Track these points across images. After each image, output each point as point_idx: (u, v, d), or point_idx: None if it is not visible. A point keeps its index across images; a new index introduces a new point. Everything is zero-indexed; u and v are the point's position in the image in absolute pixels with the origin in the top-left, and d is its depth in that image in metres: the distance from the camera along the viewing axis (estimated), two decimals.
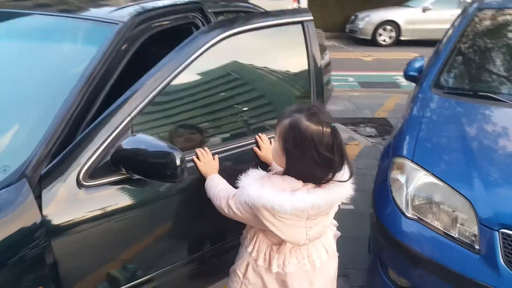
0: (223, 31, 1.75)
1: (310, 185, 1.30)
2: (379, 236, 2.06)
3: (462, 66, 2.89)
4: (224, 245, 1.86)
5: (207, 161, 1.63)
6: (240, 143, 1.83)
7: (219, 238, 1.86)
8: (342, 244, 2.84)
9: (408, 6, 11.25)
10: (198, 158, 1.63)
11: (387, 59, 8.31)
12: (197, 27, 2.11)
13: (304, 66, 2.04)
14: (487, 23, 3.08)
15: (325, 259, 1.50)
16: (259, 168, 1.45)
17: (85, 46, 1.86)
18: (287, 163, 1.32)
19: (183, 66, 1.63)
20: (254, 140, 1.86)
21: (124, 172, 1.46)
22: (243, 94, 1.94)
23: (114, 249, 1.52)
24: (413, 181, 1.98)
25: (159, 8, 1.95)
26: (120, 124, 1.48)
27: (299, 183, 1.29)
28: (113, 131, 1.46)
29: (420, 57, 3.10)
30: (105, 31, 1.77)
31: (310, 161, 1.26)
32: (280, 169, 1.41)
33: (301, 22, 2.00)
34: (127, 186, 1.52)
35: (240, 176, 1.38)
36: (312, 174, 1.28)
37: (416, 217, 1.91)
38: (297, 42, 2.02)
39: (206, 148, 1.67)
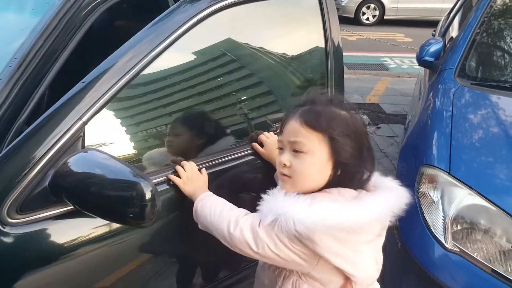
0: (214, 2, 1.24)
1: (360, 191, 0.99)
2: (405, 264, 1.66)
3: (491, 50, 2.47)
4: None
5: (190, 176, 1.14)
6: (242, 151, 1.36)
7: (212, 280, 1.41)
8: None
9: None
10: (177, 175, 1.15)
11: (372, 39, 7.90)
12: None
13: (320, 46, 1.56)
14: None
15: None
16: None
17: (20, 16, 1.33)
18: (335, 169, 0.96)
19: (160, 48, 1.12)
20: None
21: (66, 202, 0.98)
22: (242, 85, 1.44)
23: None
24: (453, 202, 1.57)
25: None
26: (65, 133, 0.99)
27: (351, 190, 0.97)
28: (55, 143, 0.98)
29: (436, 39, 2.67)
30: None
31: (360, 159, 0.96)
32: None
33: None
34: (75, 219, 1.03)
35: (259, 195, 0.94)
36: (361, 175, 0.98)
37: (458, 250, 1.51)
38: (311, 16, 1.53)
39: (189, 162, 1.18)
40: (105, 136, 1.08)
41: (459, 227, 1.56)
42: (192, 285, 1.37)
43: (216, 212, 1.01)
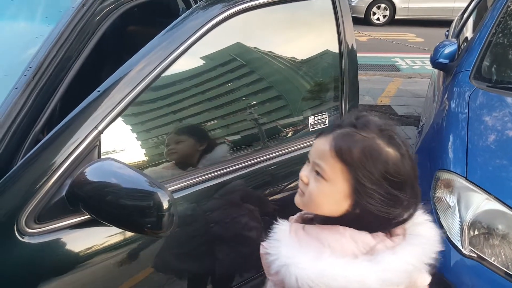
0: (227, 8, 1.24)
1: (381, 236, 0.83)
2: None
3: (507, 52, 2.42)
4: None
5: None
6: (264, 157, 1.35)
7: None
8: None
9: None
10: None
11: (383, 40, 7.84)
12: (188, 2, 1.60)
13: (334, 50, 1.53)
14: None
15: None
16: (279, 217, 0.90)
17: (34, 25, 1.35)
18: (353, 207, 0.82)
19: (174, 54, 1.12)
20: (276, 154, 1.37)
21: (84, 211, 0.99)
22: (259, 89, 1.43)
23: None
24: (470, 207, 1.54)
25: None
26: (81, 142, 0.99)
27: (367, 236, 0.82)
28: (71, 153, 0.98)
29: (450, 41, 2.63)
30: (63, 3, 1.26)
31: (392, 206, 0.81)
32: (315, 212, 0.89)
33: None
34: (92, 228, 1.03)
35: (264, 234, 0.86)
36: (386, 217, 0.81)
37: (475, 255, 1.48)
38: (325, 19, 1.51)
39: None
40: (121, 145, 1.08)
41: (476, 232, 1.54)
42: None
43: None
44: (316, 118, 1.49)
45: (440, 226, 1.59)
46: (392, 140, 0.82)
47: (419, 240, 0.84)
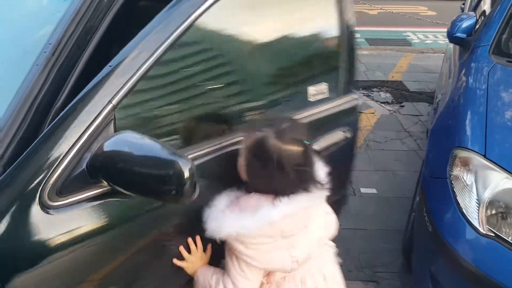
0: None
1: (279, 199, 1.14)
2: (435, 248, 1.64)
3: None
4: None
5: (199, 257, 1.26)
6: None
7: None
8: (366, 240, 2.47)
9: None
10: (187, 250, 1.25)
11: (393, 13, 7.63)
12: None
13: (331, 22, 1.49)
14: None
15: (323, 287, 1.30)
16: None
17: (51, 0, 1.32)
18: (250, 178, 1.17)
19: (184, 25, 1.10)
20: None
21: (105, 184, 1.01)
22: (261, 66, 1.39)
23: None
24: (488, 186, 1.53)
25: None
26: (97, 117, 1.00)
27: (268, 198, 1.13)
28: (88, 127, 0.99)
29: (468, 14, 2.55)
30: None
31: (277, 179, 1.11)
32: None
33: None
34: (111, 199, 1.06)
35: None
36: (280, 189, 1.13)
37: (492, 234, 1.48)
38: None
39: (198, 239, 1.25)
40: (136, 118, 1.09)
41: (493, 211, 1.53)
42: None
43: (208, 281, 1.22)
44: (316, 88, 1.51)
45: (457, 204, 1.59)
46: (283, 134, 1.09)
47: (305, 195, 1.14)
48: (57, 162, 0.95)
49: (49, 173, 0.95)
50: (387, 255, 2.31)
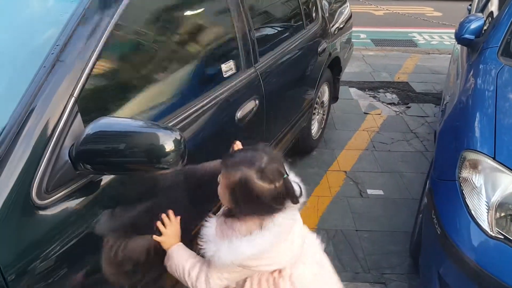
0: None
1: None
2: (444, 250, 1.63)
3: None
4: None
5: (174, 230, 1.32)
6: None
7: None
8: (373, 241, 2.46)
9: None
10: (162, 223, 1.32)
11: (399, 14, 7.61)
12: None
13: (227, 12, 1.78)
14: None
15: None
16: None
17: (58, 2, 1.32)
18: (233, 206, 1.23)
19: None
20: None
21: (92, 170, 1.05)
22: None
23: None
24: (498, 188, 1.52)
25: None
26: (62, 113, 1.04)
27: (255, 221, 1.21)
28: (56, 124, 1.03)
29: (476, 16, 2.54)
30: None
31: (260, 208, 1.20)
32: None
33: None
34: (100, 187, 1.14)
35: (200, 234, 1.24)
36: (265, 213, 1.21)
37: (501, 237, 1.47)
38: None
39: (171, 212, 1.32)
40: (102, 104, 1.17)
41: (502, 214, 1.52)
42: None
43: (181, 264, 1.28)
44: (226, 65, 1.76)
45: (466, 206, 1.58)
46: (264, 175, 1.16)
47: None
48: (36, 161, 0.97)
49: (32, 173, 0.96)
50: (394, 257, 2.30)
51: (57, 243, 1.00)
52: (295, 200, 1.21)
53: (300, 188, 1.24)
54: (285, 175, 1.19)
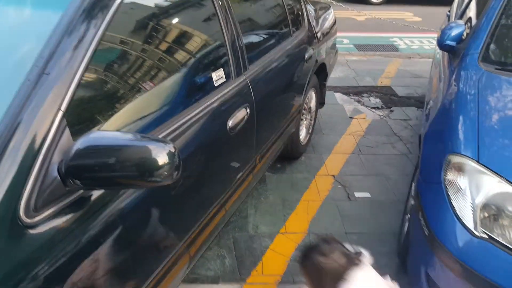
0: None
1: None
2: (431, 250, 1.69)
3: None
4: None
5: None
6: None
7: None
8: (361, 243, 2.49)
9: None
10: None
11: (381, 19, 7.76)
12: None
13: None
14: None
15: None
16: None
17: (44, 12, 1.31)
18: None
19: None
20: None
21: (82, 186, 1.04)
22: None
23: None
24: (481, 190, 1.59)
25: None
26: (50, 127, 1.02)
27: None
28: (44, 139, 1.01)
29: (457, 22, 2.63)
30: None
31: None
32: None
33: None
34: (90, 203, 1.12)
35: None
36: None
37: (486, 236, 1.54)
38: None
39: None
40: (91, 116, 1.17)
41: (486, 214, 1.59)
42: None
43: None
44: (216, 74, 1.79)
45: (452, 207, 1.65)
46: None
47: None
48: (24, 178, 0.94)
49: (20, 190, 0.93)
50: (382, 257, 2.36)
51: (46, 263, 0.97)
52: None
53: None
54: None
